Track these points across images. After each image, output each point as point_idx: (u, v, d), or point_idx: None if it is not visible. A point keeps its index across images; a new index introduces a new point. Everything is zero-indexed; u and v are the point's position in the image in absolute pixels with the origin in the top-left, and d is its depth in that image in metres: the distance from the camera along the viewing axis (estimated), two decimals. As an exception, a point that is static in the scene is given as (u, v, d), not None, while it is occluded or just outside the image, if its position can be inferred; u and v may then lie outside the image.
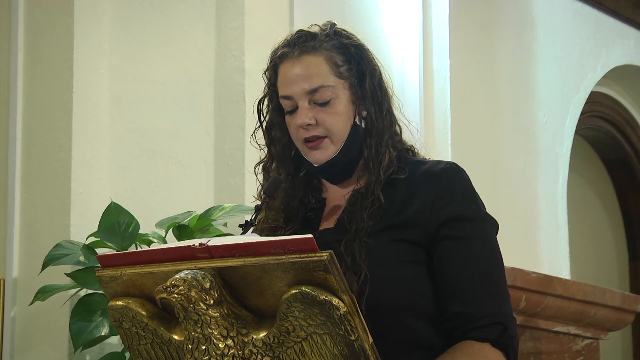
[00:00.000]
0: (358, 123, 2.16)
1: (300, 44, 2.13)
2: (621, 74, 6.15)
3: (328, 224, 2.16)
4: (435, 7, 4.47)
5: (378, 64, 2.20)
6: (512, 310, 2.07)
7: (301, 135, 2.13)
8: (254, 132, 2.25)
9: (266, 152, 2.24)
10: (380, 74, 2.19)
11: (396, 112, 2.21)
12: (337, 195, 2.19)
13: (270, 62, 2.18)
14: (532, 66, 5.36)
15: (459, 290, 2.03)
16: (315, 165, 2.15)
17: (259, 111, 2.23)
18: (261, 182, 2.23)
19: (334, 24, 2.19)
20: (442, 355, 2.01)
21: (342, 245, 2.04)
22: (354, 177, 2.17)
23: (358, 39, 2.19)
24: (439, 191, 2.07)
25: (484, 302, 2.03)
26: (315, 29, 2.16)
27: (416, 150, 2.22)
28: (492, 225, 2.11)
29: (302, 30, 2.16)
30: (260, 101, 2.22)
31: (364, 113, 2.15)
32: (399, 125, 2.21)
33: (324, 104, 2.11)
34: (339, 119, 2.12)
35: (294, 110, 2.13)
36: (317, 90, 2.10)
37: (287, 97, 2.13)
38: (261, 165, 2.24)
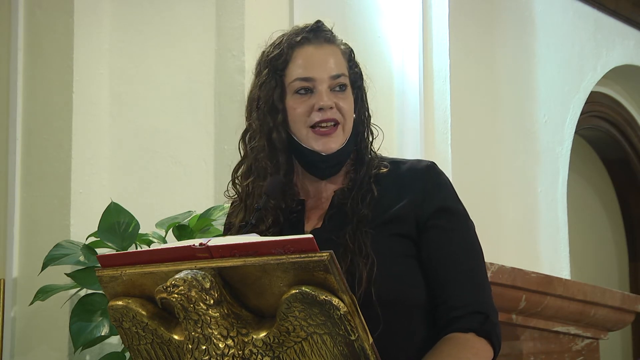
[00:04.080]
0: None
1: (325, 33, 2.19)
2: (621, 74, 6.15)
3: (314, 224, 2.18)
4: (435, 7, 4.47)
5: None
6: (493, 301, 2.12)
7: (314, 118, 2.13)
8: (248, 115, 2.22)
9: (263, 138, 2.20)
10: (364, 79, 2.25)
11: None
12: (317, 196, 2.20)
13: (285, 44, 2.17)
14: (532, 66, 5.36)
15: (442, 280, 2.09)
16: (323, 154, 2.15)
17: (260, 94, 2.19)
18: (246, 162, 2.21)
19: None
20: (430, 351, 2.04)
21: (347, 236, 2.07)
22: (337, 175, 2.19)
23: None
24: (427, 186, 2.13)
25: (464, 293, 2.08)
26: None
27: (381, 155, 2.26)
28: (472, 223, 2.18)
29: (322, 22, 2.21)
30: (262, 84, 2.19)
31: (355, 114, 2.20)
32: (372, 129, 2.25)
33: (342, 90, 2.16)
34: (351, 108, 2.18)
35: (307, 92, 2.14)
36: (339, 76, 2.15)
37: (307, 79, 2.14)
38: (253, 149, 2.19)
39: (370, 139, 2.22)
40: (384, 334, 2.00)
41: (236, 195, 2.24)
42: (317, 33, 2.18)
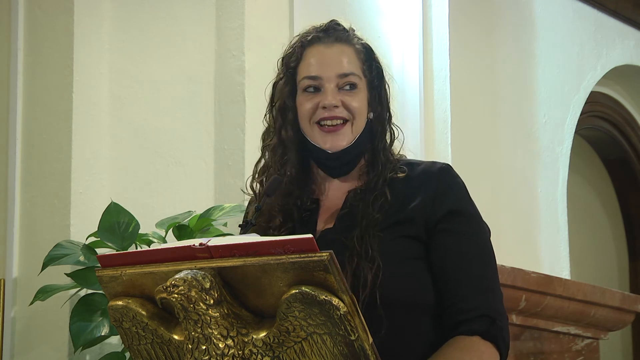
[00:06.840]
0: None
1: (338, 32, 2.19)
2: (621, 74, 6.15)
3: (326, 224, 2.18)
4: (435, 7, 4.47)
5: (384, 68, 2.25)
6: (503, 307, 2.11)
7: (319, 115, 2.15)
8: (266, 114, 2.25)
9: (275, 136, 2.23)
10: (386, 80, 2.24)
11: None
12: (331, 196, 2.21)
13: (297, 43, 2.20)
14: (532, 66, 5.36)
15: (451, 284, 2.08)
16: (329, 152, 2.16)
17: (274, 93, 2.23)
18: (264, 160, 2.23)
19: (350, 27, 2.24)
20: (435, 354, 2.04)
21: (355, 239, 2.07)
22: (352, 175, 2.19)
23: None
24: (439, 188, 2.13)
25: (473, 296, 2.07)
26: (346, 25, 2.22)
27: (404, 156, 2.26)
28: (486, 227, 2.17)
29: (337, 21, 2.21)
30: (276, 83, 2.23)
31: (372, 115, 2.20)
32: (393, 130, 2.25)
33: (351, 89, 2.15)
34: (362, 106, 2.17)
35: (315, 90, 2.15)
36: (347, 75, 2.15)
37: (314, 77, 2.16)
38: (268, 147, 2.23)
39: (389, 140, 2.21)
40: (391, 336, 2.01)
41: (253, 194, 2.24)
42: (328, 32, 2.19)
